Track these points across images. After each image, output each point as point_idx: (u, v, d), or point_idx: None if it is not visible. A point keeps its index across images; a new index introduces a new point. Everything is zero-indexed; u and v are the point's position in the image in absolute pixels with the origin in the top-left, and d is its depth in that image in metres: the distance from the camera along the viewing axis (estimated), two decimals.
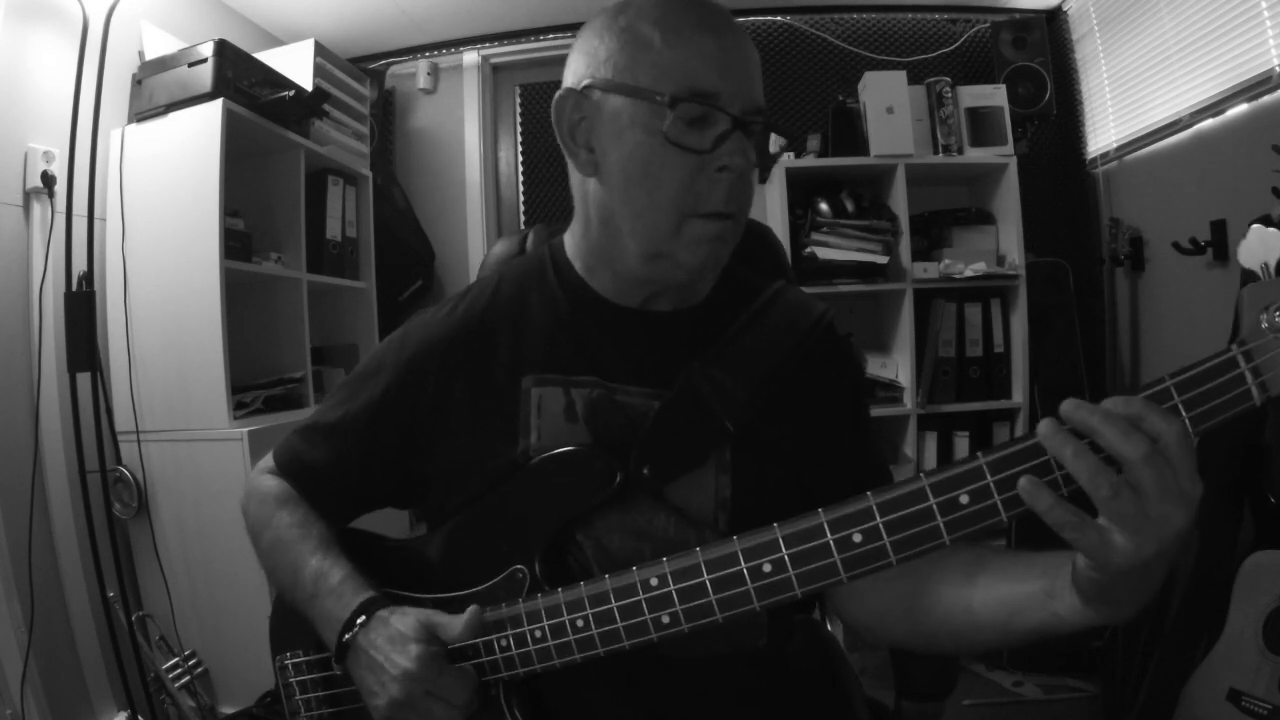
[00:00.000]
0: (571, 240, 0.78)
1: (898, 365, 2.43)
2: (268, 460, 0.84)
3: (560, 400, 0.71)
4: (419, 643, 0.63)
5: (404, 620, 0.65)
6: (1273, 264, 0.49)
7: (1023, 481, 0.49)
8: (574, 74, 0.69)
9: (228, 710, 1.76)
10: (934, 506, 0.53)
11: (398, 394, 0.75)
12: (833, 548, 0.55)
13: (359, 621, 0.66)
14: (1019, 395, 2.36)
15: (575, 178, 0.73)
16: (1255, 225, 0.50)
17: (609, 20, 0.67)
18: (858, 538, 0.55)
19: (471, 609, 0.66)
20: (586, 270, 0.75)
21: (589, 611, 0.63)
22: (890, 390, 2.39)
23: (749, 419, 0.69)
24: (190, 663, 1.76)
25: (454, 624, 0.66)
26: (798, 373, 0.72)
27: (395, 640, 0.64)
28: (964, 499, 0.52)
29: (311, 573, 0.71)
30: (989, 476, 0.52)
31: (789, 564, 0.57)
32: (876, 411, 2.36)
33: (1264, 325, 0.47)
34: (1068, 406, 0.48)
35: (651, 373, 0.72)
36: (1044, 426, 0.49)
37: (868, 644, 0.85)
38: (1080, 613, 0.54)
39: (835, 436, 0.76)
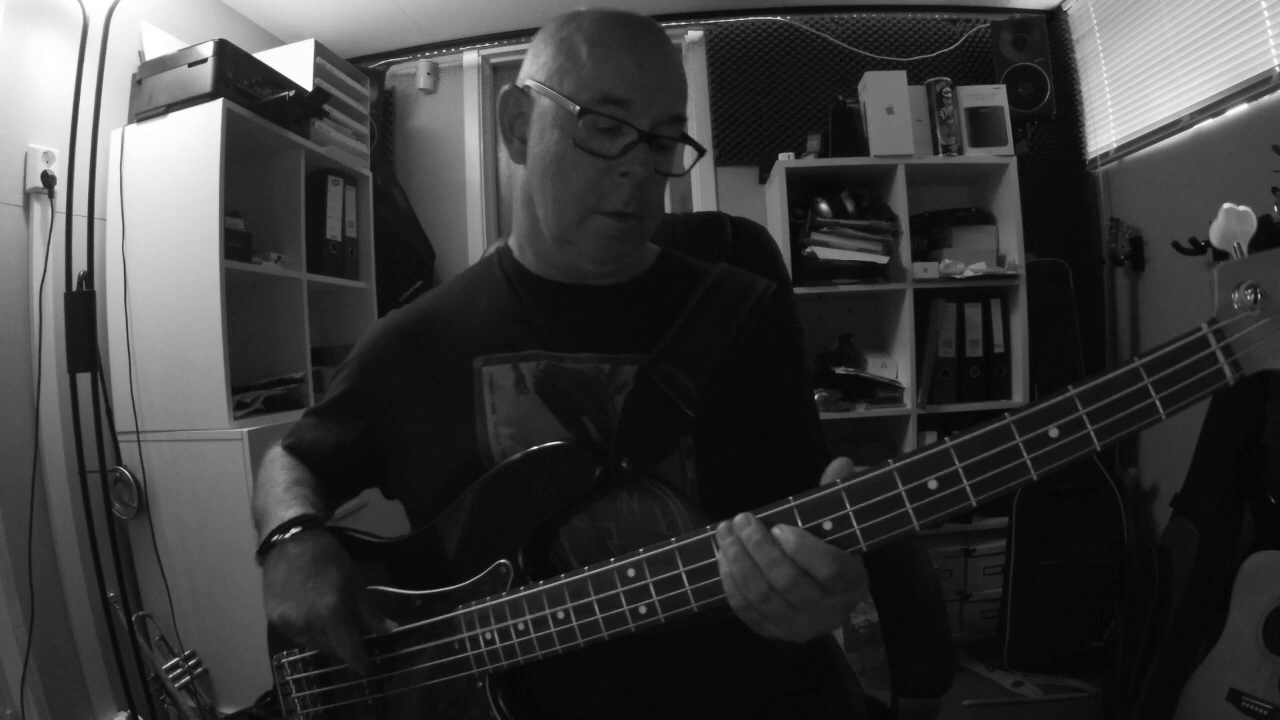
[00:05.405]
0: (513, 229, 0.85)
1: (898, 365, 2.43)
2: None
3: (510, 375, 0.76)
4: (336, 591, 0.69)
5: (338, 569, 0.71)
6: (1245, 242, 0.48)
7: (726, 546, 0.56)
8: (523, 72, 0.78)
9: (228, 710, 1.77)
10: (903, 493, 0.53)
11: (360, 382, 0.84)
12: None
13: (292, 532, 0.73)
14: (1019, 395, 2.36)
15: (513, 166, 0.80)
16: (1226, 205, 0.50)
17: (556, 29, 0.75)
18: (828, 525, 0.55)
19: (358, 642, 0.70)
20: (519, 250, 0.83)
21: (569, 604, 0.64)
22: (890, 390, 2.39)
23: (708, 402, 0.72)
24: (190, 663, 1.76)
25: (375, 611, 0.72)
26: (746, 347, 0.76)
27: (319, 572, 0.70)
28: (932, 484, 0.52)
29: (277, 493, 0.79)
30: (957, 462, 0.52)
31: None
32: (877, 412, 2.37)
33: (1236, 304, 0.46)
34: (739, 521, 0.56)
35: (597, 339, 0.77)
36: (721, 526, 0.57)
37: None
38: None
39: (777, 394, 0.80)
